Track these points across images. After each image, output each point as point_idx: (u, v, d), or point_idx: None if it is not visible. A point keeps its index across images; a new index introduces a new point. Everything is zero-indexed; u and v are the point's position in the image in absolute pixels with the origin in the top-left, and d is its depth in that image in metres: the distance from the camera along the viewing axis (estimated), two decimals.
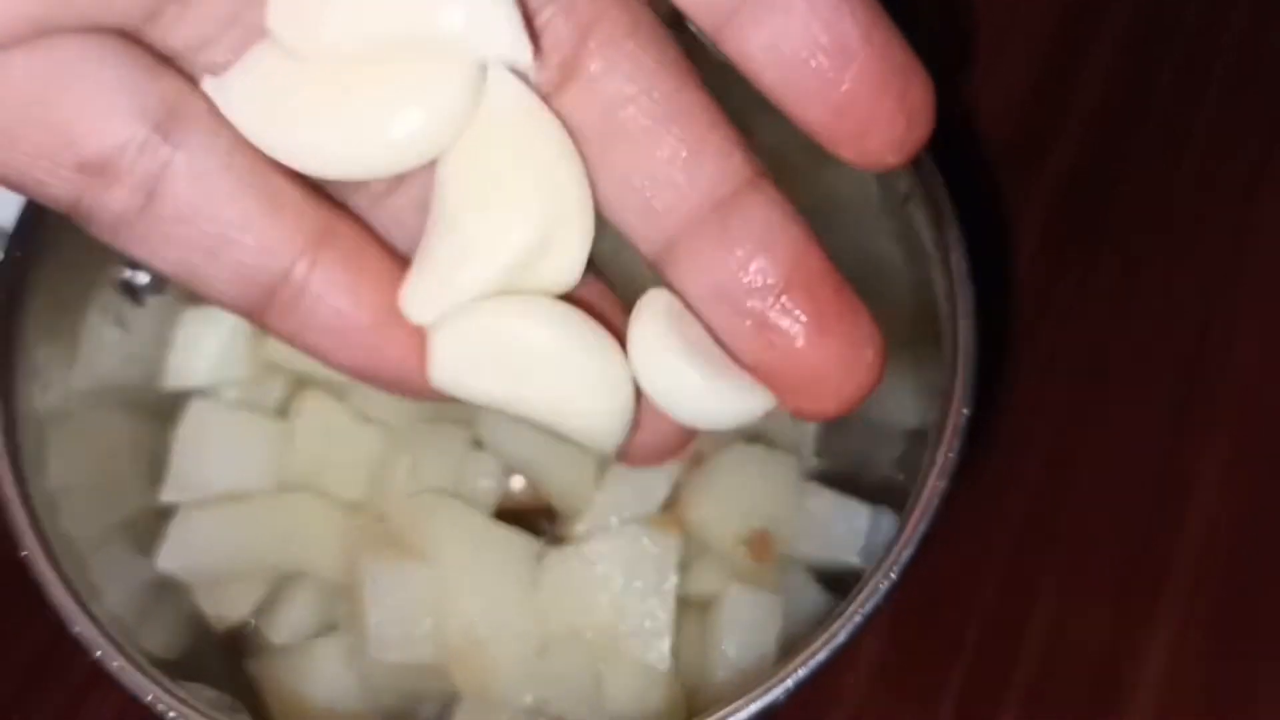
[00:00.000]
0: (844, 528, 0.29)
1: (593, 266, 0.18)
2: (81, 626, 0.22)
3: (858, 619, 0.22)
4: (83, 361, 0.28)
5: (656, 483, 0.30)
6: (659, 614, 0.29)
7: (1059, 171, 0.47)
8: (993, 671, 0.39)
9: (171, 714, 0.21)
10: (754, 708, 0.22)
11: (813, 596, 0.29)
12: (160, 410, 0.32)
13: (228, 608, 0.31)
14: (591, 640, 0.29)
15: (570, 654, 0.29)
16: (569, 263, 0.17)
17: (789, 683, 0.22)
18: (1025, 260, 0.46)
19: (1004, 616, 0.40)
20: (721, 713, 0.22)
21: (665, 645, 0.29)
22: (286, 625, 0.31)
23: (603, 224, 0.17)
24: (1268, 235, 0.46)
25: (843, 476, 0.32)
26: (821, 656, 0.22)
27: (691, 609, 0.30)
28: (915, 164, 0.26)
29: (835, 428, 0.33)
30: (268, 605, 0.31)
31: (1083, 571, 0.40)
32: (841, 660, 0.39)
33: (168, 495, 0.31)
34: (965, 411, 0.23)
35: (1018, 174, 0.47)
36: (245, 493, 0.31)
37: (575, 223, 0.17)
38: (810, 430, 0.34)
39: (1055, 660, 0.39)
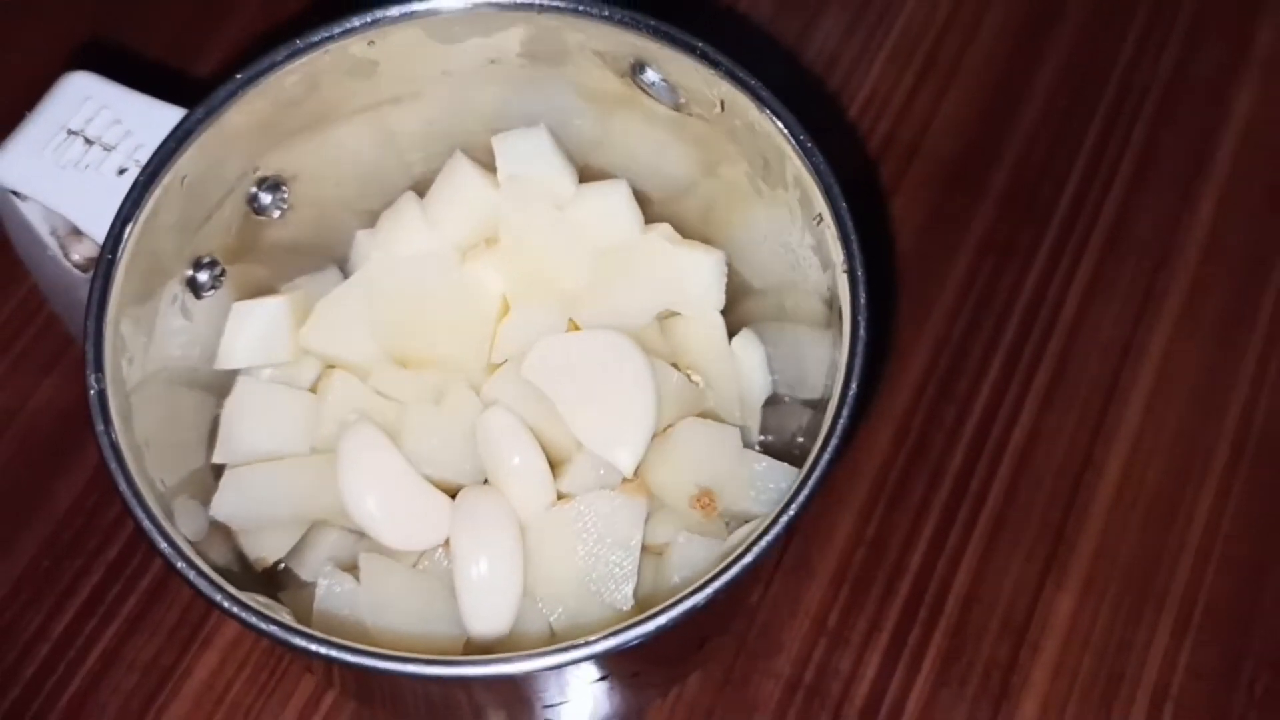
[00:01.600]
0: (775, 486, 0.35)
1: None
2: (164, 544, 0.28)
3: (753, 553, 0.28)
4: (156, 343, 0.33)
5: (627, 458, 0.36)
6: (626, 563, 0.34)
7: (994, 199, 0.53)
8: (917, 616, 0.45)
9: (235, 609, 0.27)
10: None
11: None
12: (213, 386, 0.37)
13: (266, 550, 0.37)
14: (567, 582, 0.35)
15: (551, 593, 0.35)
16: None
17: (709, 591, 0.28)
18: (964, 262, 0.52)
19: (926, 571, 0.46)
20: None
21: (629, 589, 0.34)
22: (313, 565, 0.37)
23: None
24: (1188, 259, 0.52)
25: (778, 446, 0.39)
26: (732, 573, 0.28)
27: (649, 554, 0.36)
28: (826, 190, 0.32)
29: (773, 409, 0.40)
30: (298, 549, 0.37)
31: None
32: (784, 610, 0.45)
33: (218, 457, 0.36)
34: (854, 388, 0.29)
35: (960, 192, 0.53)
36: (281, 455, 0.36)
37: None
38: (757, 413, 0.40)
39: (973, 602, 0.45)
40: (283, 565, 0.37)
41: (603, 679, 0.33)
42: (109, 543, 0.45)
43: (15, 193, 0.34)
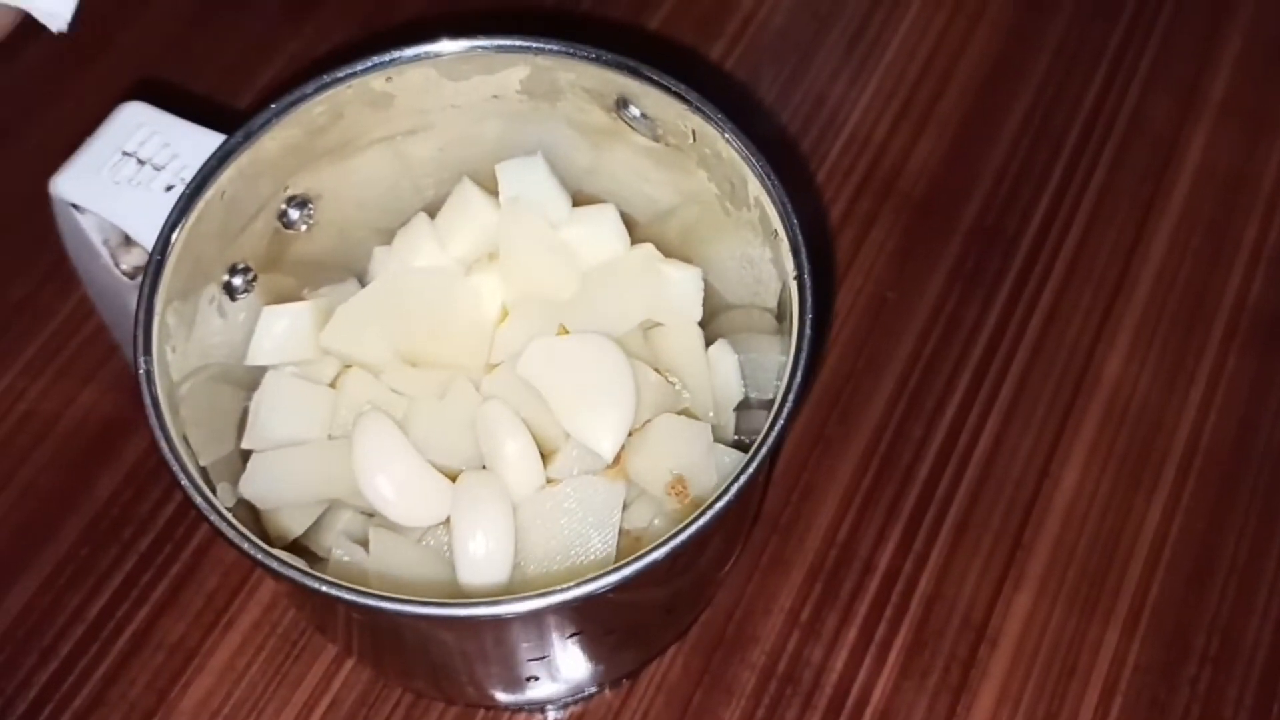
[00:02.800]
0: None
1: None
2: (213, 517, 0.32)
3: (708, 516, 0.32)
4: (195, 337, 0.37)
5: (608, 444, 0.39)
6: (606, 539, 0.38)
7: (962, 233, 0.56)
8: (884, 612, 0.48)
9: (268, 561, 0.31)
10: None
11: None
12: (244, 380, 0.40)
13: (287, 527, 0.40)
14: (553, 554, 0.38)
15: (539, 565, 0.39)
16: None
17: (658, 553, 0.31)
18: (935, 287, 0.55)
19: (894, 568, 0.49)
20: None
21: (609, 563, 0.37)
22: (328, 540, 0.40)
23: None
24: (1141, 290, 0.55)
25: (749, 445, 0.42)
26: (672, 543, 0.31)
27: (629, 538, 0.40)
28: (781, 206, 0.36)
29: (745, 412, 0.44)
30: (316, 526, 0.41)
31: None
32: (760, 605, 0.48)
33: (246, 443, 0.40)
34: (799, 378, 0.33)
35: (933, 224, 0.57)
36: (303, 442, 0.39)
37: None
38: (730, 415, 0.44)
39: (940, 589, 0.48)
40: (301, 541, 0.41)
41: (576, 634, 0.36)
42: (142, 533, 0.49)
43: (75, 206, 0.38)
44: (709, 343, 0.42)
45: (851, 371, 0.53)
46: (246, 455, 0.40)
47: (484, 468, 0.39)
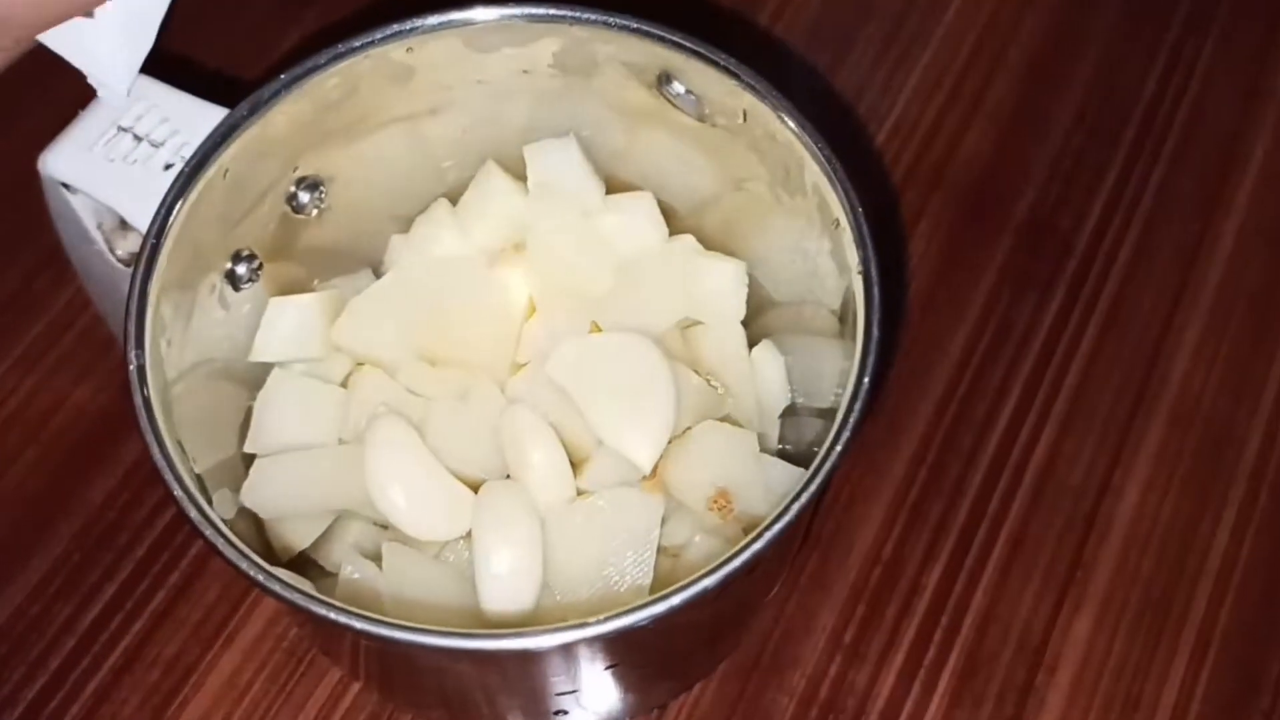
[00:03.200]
0: (790, 490, 0.36)
1: None
2: (208, 531, 0.29)
3: (763, 540, 0.28)
4: (194, 330, 0.34)
5: (646, 454, 0.36)
6: (642, 558, 0.35)
7: (1014, 227, 0.53)
8: (933, 635, 0.45)
9: (262, 578, 0.28)
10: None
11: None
12: (247, 379, 0.38)
13: (292, 539, 0.37)
14: (584, 575, 0.35)
15: (568, 586, 0.36)
16: None
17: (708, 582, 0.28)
18: (984, 289, 0.52)
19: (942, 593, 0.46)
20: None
21: (645, 585, 0.35)
22: (337, 554, 0.37)
23: None
24: (1206, 293, 0.52)
25: (795, 455, 0.39)
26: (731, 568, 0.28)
27: (666, 555, 0.37)
28: (844, 193, 0.33)
29: (791, 419, 0.40)
30: (323, 538, 0.38)
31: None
32: (800, 626, 0.45)
33: (249, 447, 0.37)
34: (866, 383, 0.30)
35: (982, 221, 0.54)
36: (311, 446, 0.37)
37: None
38: (775, 422, 0.41)
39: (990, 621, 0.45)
40: (307, 554, 0.38)
41: (612, 667, 0.33)
42: (138, 540, 0.46)
43: (66, 185, 0.36)
44: (753, 343, 0.39)
45: (896, 375, 0.50)
46: (249, 460, 0.37)
47: (508, 477, 0.36)
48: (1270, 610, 0.46)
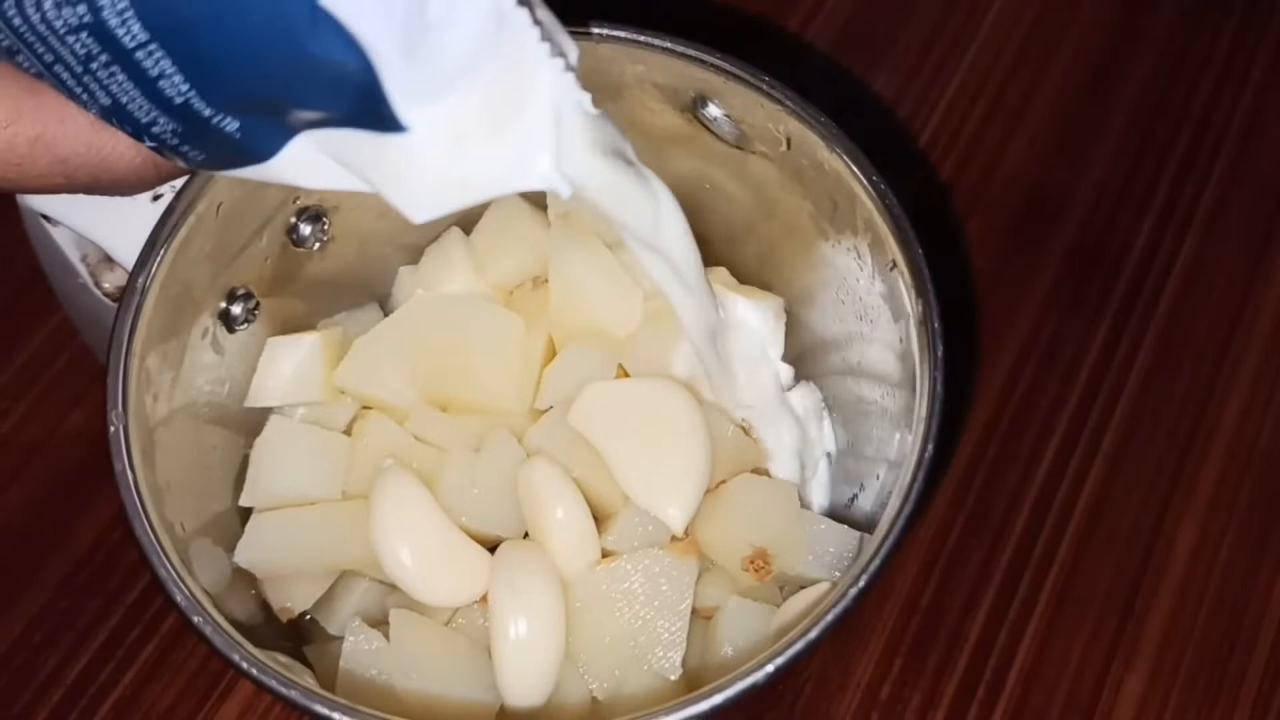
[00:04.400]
0: (834, 550, 0.33)
1: None
2: (181, 596, 0.26)
3: (819, 628, 0.26)
4: (184, 378, 0.32)
5: (678, 515, 0.34)
6: (674, 629, 0.33)
7: (1060, 249, 0.51)
8: (976, 692, 0.43)
9: (255, 670, 0.25)
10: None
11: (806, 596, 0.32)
12: (243, 425, 0.36)
13: (292, 600, 0.35)
14: (611, 646, 0.33)
15: (593, 658, 0.33)
16: None
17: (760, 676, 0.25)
18: (1029, 315, 0.50)
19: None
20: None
21: (677, 658, 0.33)
22: (341, 618, 0.35)
23: None
24: (1264, 321, 0.49)
25: (835, 505, 0.36)
26: (793, 652, 0.26)
27: (698, 618, 0.34)
28: (901, 235, 0.30)
29: (832, 465, 0.38)
30: (326, 599, 0.35)
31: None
32: (833, 681, 0.42)
33: (245, 500, 0.35)
34: (930, 449, 0.27)
35: (1026, 242, 0.51)
36: (312, 500, 0.34)
37: None
38: (817, 469, 0.38)
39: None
40: (309, 616, 0.35)
41: None
42: (130, 583, 0.44)
43: (45, 217, 0.33)
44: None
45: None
46: (245, 514, 0.35)
47: (527, 536, 0.34)
48: None
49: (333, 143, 0.23)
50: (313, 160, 0.24)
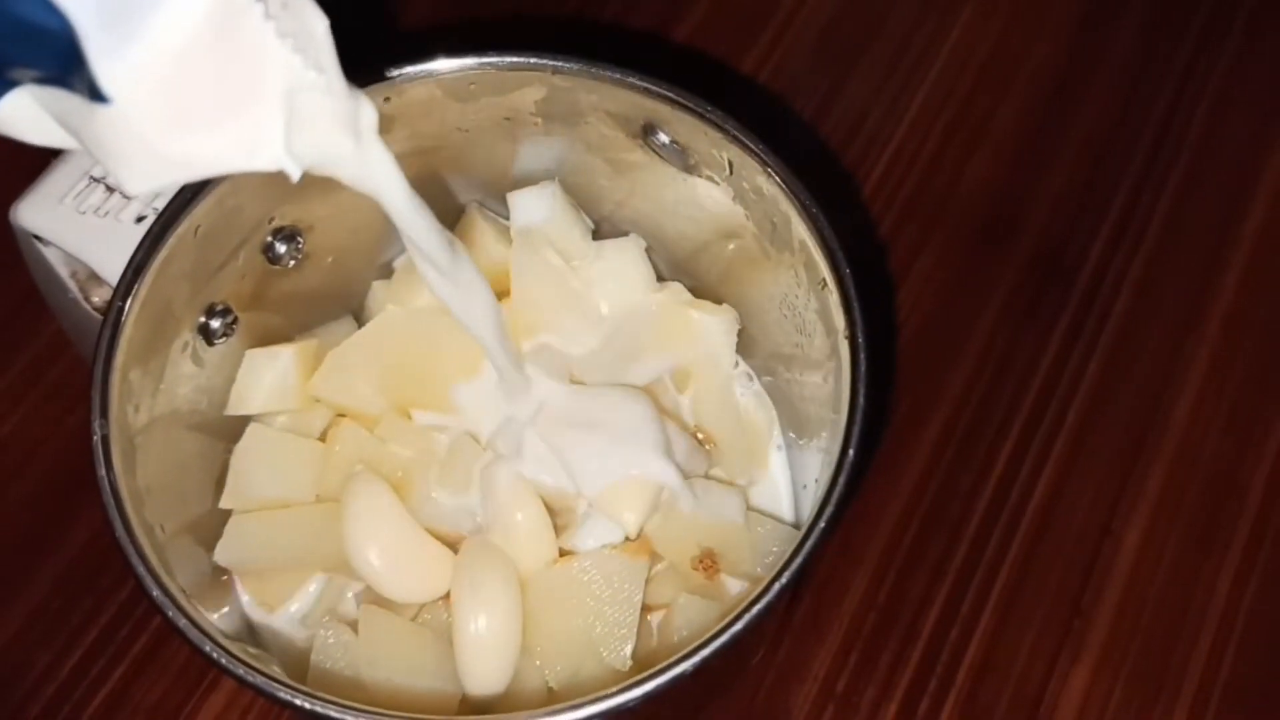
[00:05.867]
0: (778, 550, 0.35)
1: None
2: (157, 592, 0.28)
3: (744, 621, 0.28)
4: (165, 388, 0.34)
5: (632, 519, 0.35)
6: (626, 624, 0.34)
7: (1018, 261, 0.52)
8: (928, 685, 0.44)
9: (224, 660, 0.27)
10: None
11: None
12: (223, 432, 0.37)
13: (267, 598, 0.37)
14: (566, 640, 0.35)
15: (549, 651, 0.35)
16: None
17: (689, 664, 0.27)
18: (986, 324, 0.51)
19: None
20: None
21: (628, 649, 0.34)
22: (313, 614, 0.36)
23: None
24: (1212, 330, 0.51)
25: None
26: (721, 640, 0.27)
27: (650, 613, 0.36)
28: (830, 255, 0.31)
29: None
30: (299, 597, 0.37)
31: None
32: (792, 674, 0.44)
33: (225, 502, 0.36)
34: (850, 455, 0.29)
35: (985, 253, 0.53)
36: (288, 502, 0.36)
37: None
38: (766, 465, 0.39)
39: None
40: (283, 614, 0.37)
41: None
42: (121, 582, 0.45)
43: (37, 237, 0.35)
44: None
45: (893, 413, 0.48)
46: (225, 515, 0.36)
47: (489, 537, 0.35)
48: (1273, 664, 0.45)
49: (54, 102, 0.23)
50: (34, 116, 0.24)
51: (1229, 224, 0.53)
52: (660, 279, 0.39)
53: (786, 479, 0.39)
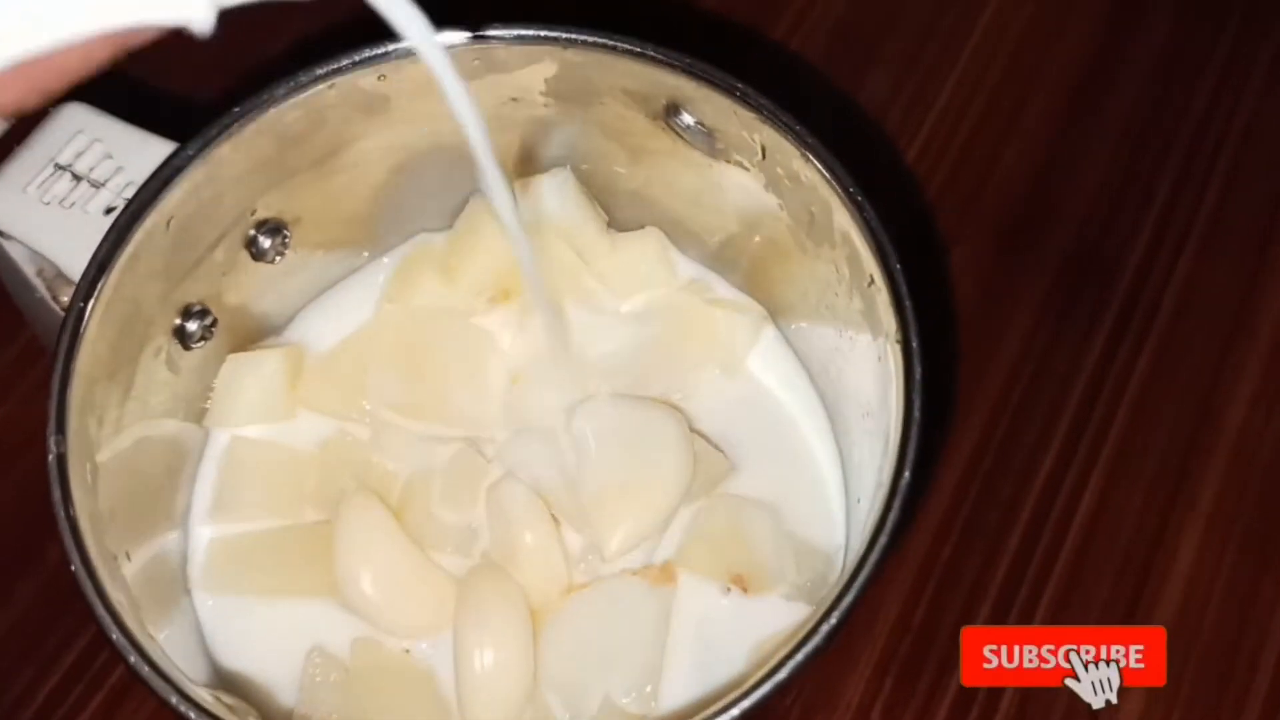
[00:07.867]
0: (813, 569, 0.32)
1: None
2: (117, 635, 0.25)
3: (787, 669, 0.25)
4: (136, 398, 0.31)
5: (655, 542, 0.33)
6: (649, 660, 0.32)
7: (1055, 258, 0.50)
8: (969, 715, 0.42)
9: (192, 714, 0.24)
10: None
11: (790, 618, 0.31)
12: (200, 444, 0.35)
13: (249, 628, 0.34)
14: (583, 678, 0.32)
15: (563, 693, 0.32)
16: None
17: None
18: (1023, 325, 0.48)
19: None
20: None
21: (651, 690, 0.32)
22: (300, 647, 0.33)
23: None
24: (1265, 331, 0.48)
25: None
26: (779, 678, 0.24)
27: (675, 645, 0.33)
28: (879, 249, 0.28)
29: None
30: (285, 628, 0.34)
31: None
32: (820, 704, 0.41)
33: (201, 525, 0.34)
34: (906, 475, 0.26)
35: (1020, 250, 0.50)
36: (272, 523, 0.34)
37: None
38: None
39: None
40: (265, 650, 0.34)
41: None
42: None
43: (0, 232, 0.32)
44: None
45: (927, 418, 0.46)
46: (202, 539, 0.34)
47: (495, 563, 0.32)
48: None
49: None
50: None
51: (1276, 217, 0.50)
52: (680, 274, 0.36)
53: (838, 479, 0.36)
